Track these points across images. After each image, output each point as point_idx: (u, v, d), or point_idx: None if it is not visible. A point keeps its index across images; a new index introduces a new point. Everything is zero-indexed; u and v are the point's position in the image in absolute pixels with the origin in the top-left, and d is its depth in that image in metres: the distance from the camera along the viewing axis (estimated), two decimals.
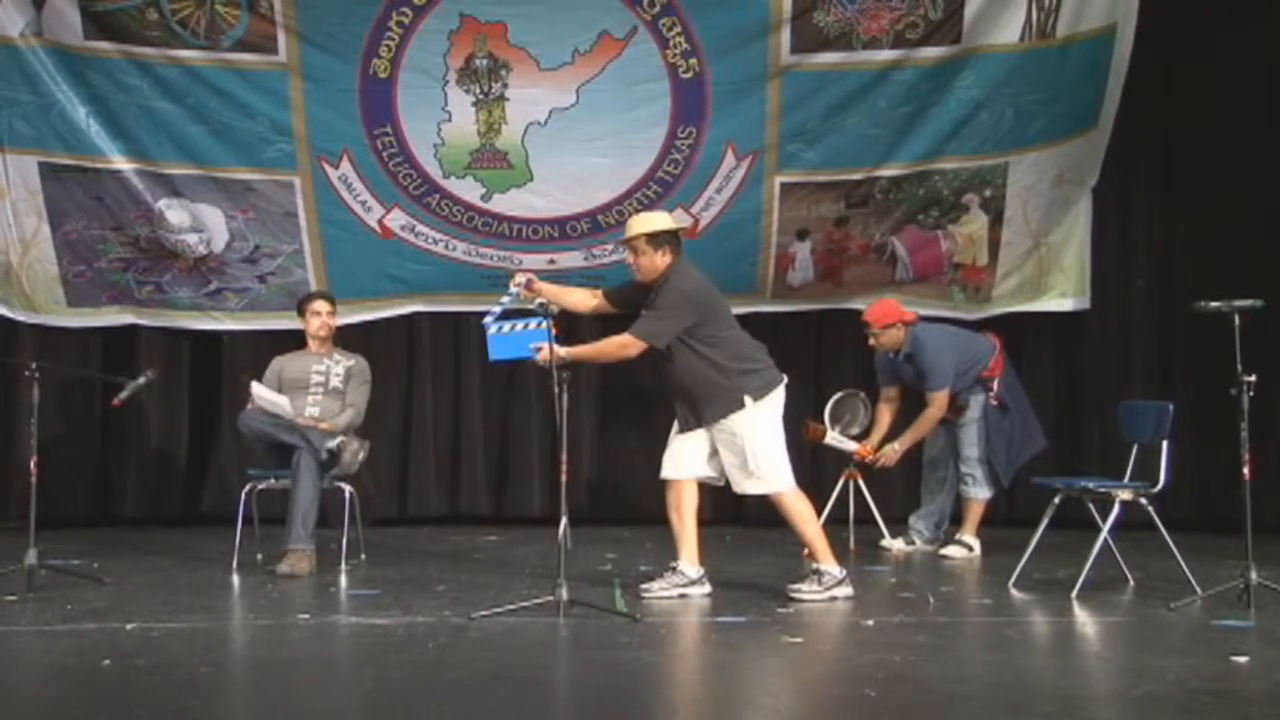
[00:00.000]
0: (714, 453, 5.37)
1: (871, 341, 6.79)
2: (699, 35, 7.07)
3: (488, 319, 5.36)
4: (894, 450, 6.73)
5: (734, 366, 5.28)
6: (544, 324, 5.07)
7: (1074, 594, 5.36)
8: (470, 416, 8.13)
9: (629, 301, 5.54)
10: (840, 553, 5.59)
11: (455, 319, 8.07)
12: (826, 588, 5.29)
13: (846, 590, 5.32)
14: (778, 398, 5.35)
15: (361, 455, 6.13)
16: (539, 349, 5.13)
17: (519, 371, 8.02)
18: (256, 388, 6.23)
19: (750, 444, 5.25)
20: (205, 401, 8.00)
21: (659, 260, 5.30)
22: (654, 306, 5.29)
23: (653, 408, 8.13)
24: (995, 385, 6.70)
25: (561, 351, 5.10)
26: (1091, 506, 5.71)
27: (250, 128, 7.21)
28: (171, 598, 5.31)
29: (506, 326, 5.33)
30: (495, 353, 5.38)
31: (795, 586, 5.35)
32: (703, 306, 5.29)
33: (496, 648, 4.39)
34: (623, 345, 5.31)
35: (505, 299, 5.37)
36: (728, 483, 5.43)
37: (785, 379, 5.40)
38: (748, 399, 5.25)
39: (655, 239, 5.30)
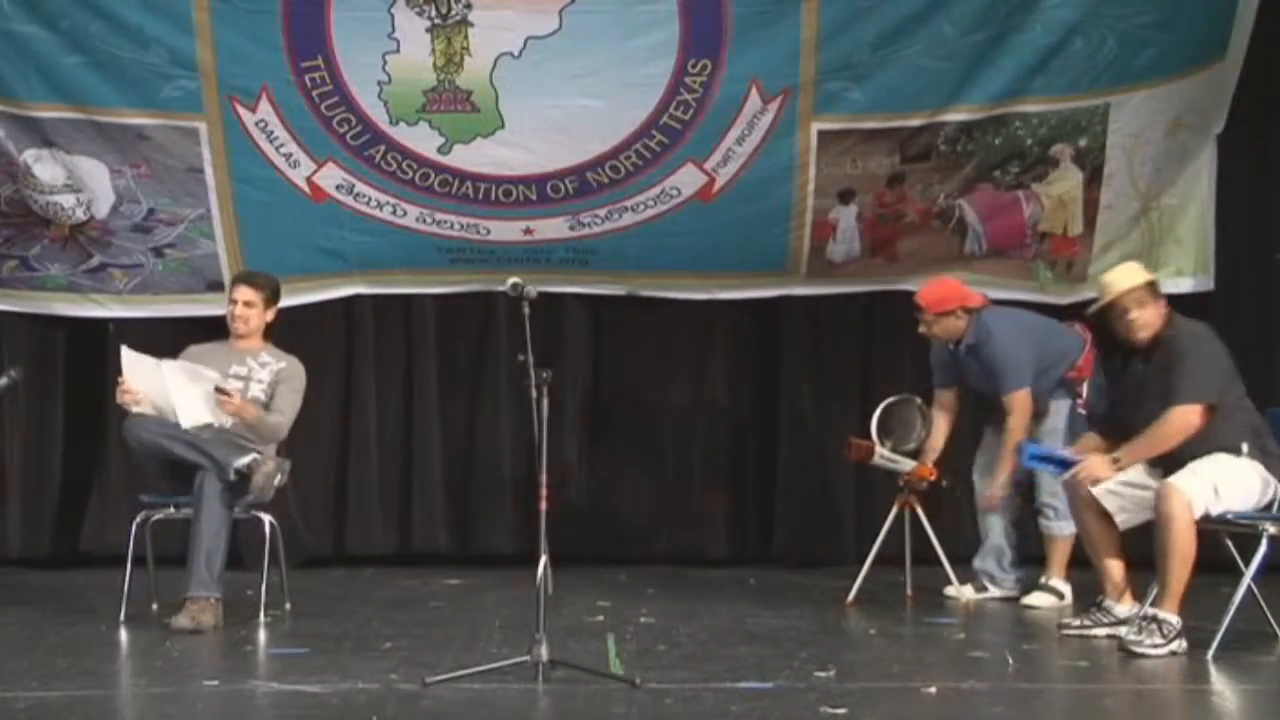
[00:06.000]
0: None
1: (922, 329, 6.78)
2: None
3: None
4: (994, 493, 6.79)
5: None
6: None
7: (1210, 654, 5.32)
8: (426, 428, 8.15)
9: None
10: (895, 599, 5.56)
11: (406, 303, 8.08)
12: (1168, 639, 5.39)
13: (1184, 643, 5.42)
14: None
15: (279, 478, 6.10)
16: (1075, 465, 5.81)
17: (488, 373, 8.08)
18: (129, 358, 6.15)
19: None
20: (85, 409, 8.00)
21: (1162, 309, 5.76)
22: (1185, 360, 5.60)
23: (652, 419, 8.14)
24: (1085, 389, 6.67)
25: (1112, 460, 5.69)
26: (1229, 543, 5.70)
27: (142, 59, 7.16)
28: (42, 659, 5.30)
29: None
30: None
31: (1135, 639, 5.42)
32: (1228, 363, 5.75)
33: None
34: (1187, 422, 5.55)
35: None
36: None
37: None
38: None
39: (1154, 287, 5.81)
